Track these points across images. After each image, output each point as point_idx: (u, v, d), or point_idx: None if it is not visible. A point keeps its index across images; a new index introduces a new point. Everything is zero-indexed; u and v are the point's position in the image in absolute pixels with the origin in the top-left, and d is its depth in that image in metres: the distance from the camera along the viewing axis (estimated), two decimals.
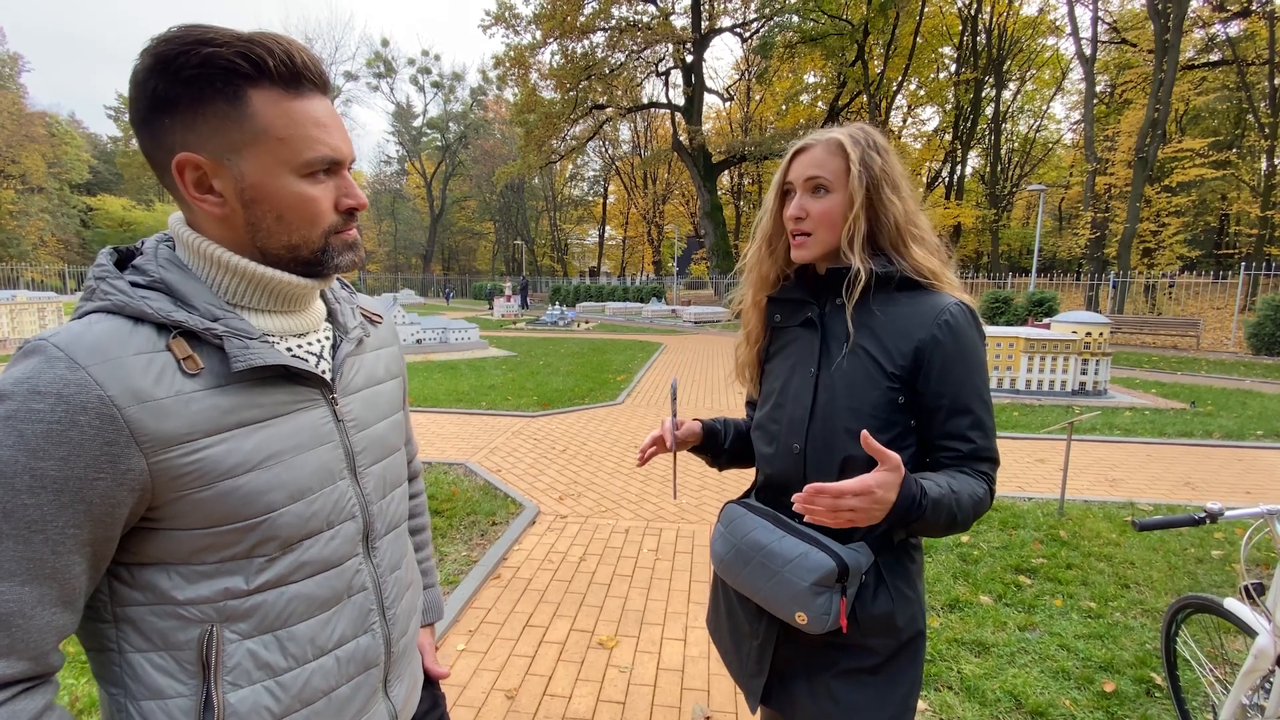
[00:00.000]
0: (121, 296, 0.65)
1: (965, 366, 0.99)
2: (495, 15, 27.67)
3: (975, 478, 1.00)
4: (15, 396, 0.57)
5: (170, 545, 0.66)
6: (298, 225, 0.71)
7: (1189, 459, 5.40)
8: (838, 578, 0.97)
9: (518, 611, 2.86)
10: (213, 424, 0.65)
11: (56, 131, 42.52)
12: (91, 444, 0.59)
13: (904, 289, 1.04)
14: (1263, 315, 12.95)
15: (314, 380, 0.75)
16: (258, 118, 0.66)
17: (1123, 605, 2.89)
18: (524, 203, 49.13)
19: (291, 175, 0.69)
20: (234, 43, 0.64)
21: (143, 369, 0.62)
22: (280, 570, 0.71)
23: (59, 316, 13.24)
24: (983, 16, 28.09)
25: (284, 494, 0.70)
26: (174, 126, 0.65)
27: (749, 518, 1.10)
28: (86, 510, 0.60)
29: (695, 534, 3.76)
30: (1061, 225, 34.44)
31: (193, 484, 0.64)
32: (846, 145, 1.03)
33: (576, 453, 5.47)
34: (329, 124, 0.70)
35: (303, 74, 0.69)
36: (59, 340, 0.60)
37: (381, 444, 0.84)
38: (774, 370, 1.17)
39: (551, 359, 11.55)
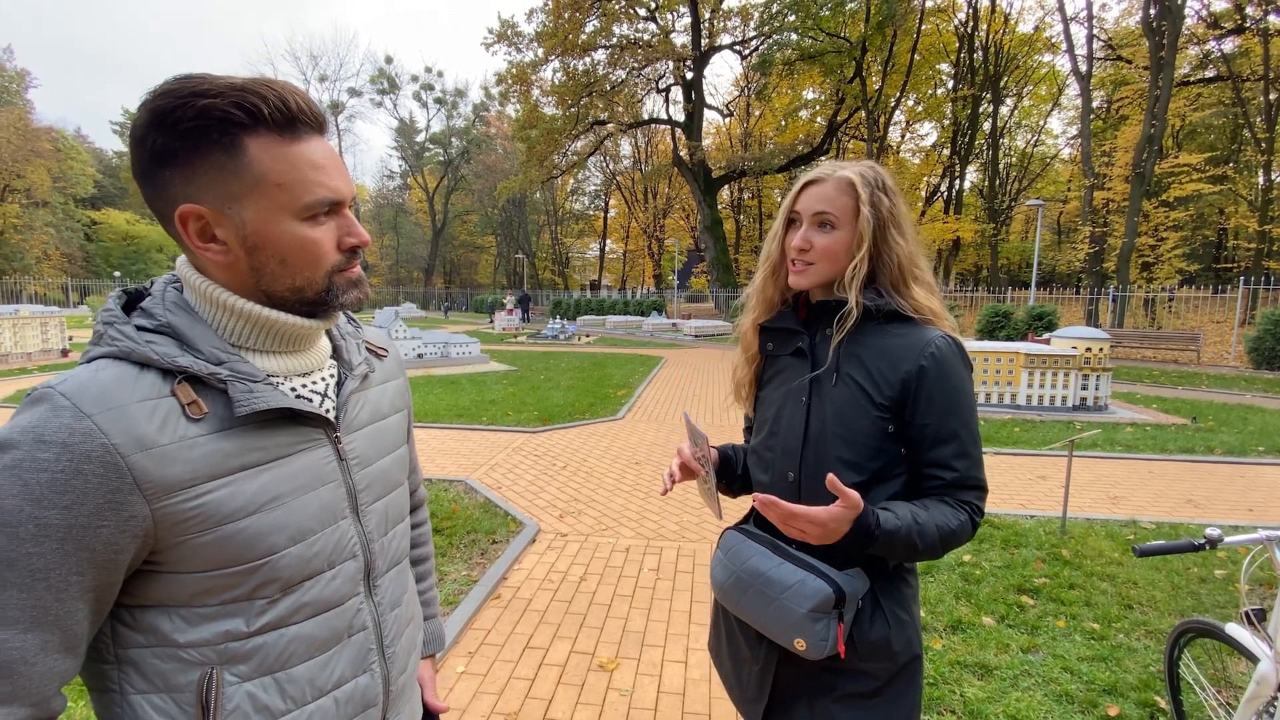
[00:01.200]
0: (128, 343, 0.66)
1: (949, 397, 1.02)
2: (498, 33, 28.04)
3: (955, 507, 1.02)
4: (21, 445, 0.58)
5: (172, 588, 0.66)
6: (301, 268, 0.71)
7: (1191, 476, 5.39)
8: (834, 604, 0.99)
9: (518, 633, 2.85)
10: (216, 468, 0.66)
11: (62, 146, 42.90)
12: (95, 492, 0.60)
13: (893, 322, 1.07)
14: (1262, 329, 12.96)
15: (317, 420, 0.75)
16: (255, 165, 0.67)
17: (1126, 626, 2.87)
18: (525, 217, 49.43)
19: (292, 219, 0.69)
20: (228, 92, 0.65)
21: (147, 415, 0.63)
22: (281, 612, 0.71)
23: (61, 331, 13.29)
24: (979, 34, 28.43)
25: (285, 536, 0.70)
26: (174, 178, 0.67)
27: (747, 544, 1.12)
28: (89, 557, 0.60)
29: (696, 553, 3.75)
30: (1060, 239, 34.61)
31: (195, 528, 0.65)
32: (857, 184, 1.05)
33: (577, 469, 5.47)
34: (327, 165, 0.71)
35: (298, 118, 0.69)
36: (65, 389, 0.61)
37: (384, 480, 0.85)
38: (768, 398, 1.20)
39: (552, 373, 11.57)
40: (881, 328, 1.07)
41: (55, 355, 12.95)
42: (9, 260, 38.55)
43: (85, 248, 45.79)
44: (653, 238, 45.38)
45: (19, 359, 12.28)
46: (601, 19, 25.57)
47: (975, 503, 1.04)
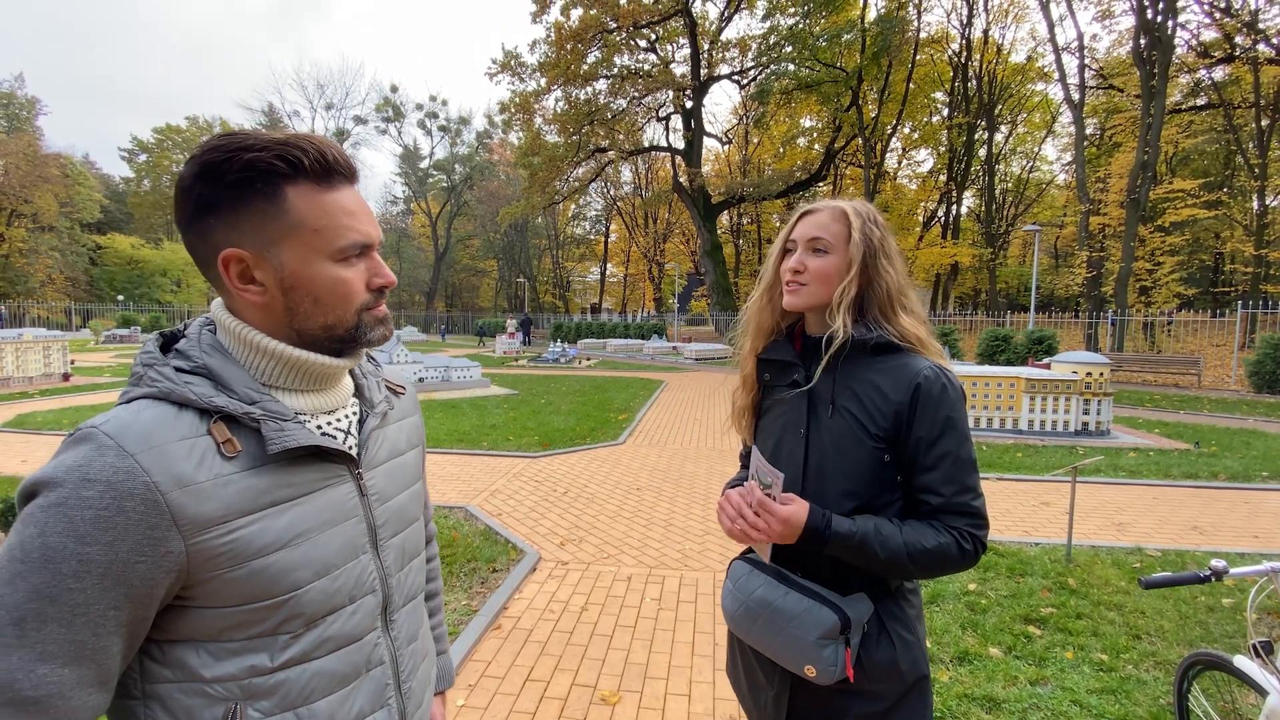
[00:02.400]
0: (168, 384, 0.69)
1: (937, 425, 1.05)
2: (501, 64, 28.64)
3: (941, 531, 1.04)
4: (67, 484, 0.60)
5: (200, 623, 0.68)
6: (333, 305, 0.75)
7: (1195, 502, 5.36)
8: (840, 630, 1.03)
9: (518, 665, 2.81)
10: (248, 504, 0.68)
11: (70, 173, 43.48)
12: (136, 528, 0.62)
13: (884, 353, 1.11)
14: (1262, 354, 12.98)
15: (341, 457, 0.78)
16: (294, 212, 0.72)
17: (1135, 658, 2.84)
18: (527, 241, 49.85)
19: (326, 261, 0.74)
20: (272, 146, 0.70)
21: (185, 454, 0.66)
22: (304, 647, 0.73)
23: (63, 355, 13.32)
24: (973, 64, 29.02)
25: (310, 571, 0.72)
26: (218, 226, 0.71)
27: (754, 575, 1.15)
28: (127, 592, 0.62)
29: (698, 582, 3.72)
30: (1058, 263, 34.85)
31: (226, 564, 0.67)
32: (850, 214, 1.13)
33: (578, 495, 5.44)
34: (358, 211, 0.76)
35: (334, 168, 0.74)
36: (109, 428, 0.64)
37: (402, 516, 0.87)
38: (767, 428, 1.24)
39: (553, 397, 11.56)
40: (872, 360, 1.11)
41: (56, 379, 12.96)
42: (12, 284, 38.82)
43: (89, 271, 46.12)
44: (653, 262, 45.70)
45: (20, 383, 12.28)
46: (603, 50, 26.13)
47: (966, 530, 1.05)
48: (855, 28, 24.36)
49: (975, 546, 1.06)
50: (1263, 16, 20.81)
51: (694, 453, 7.22)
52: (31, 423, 8.39)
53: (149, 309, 40.51)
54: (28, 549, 0.59)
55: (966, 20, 28.54)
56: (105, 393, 11.55)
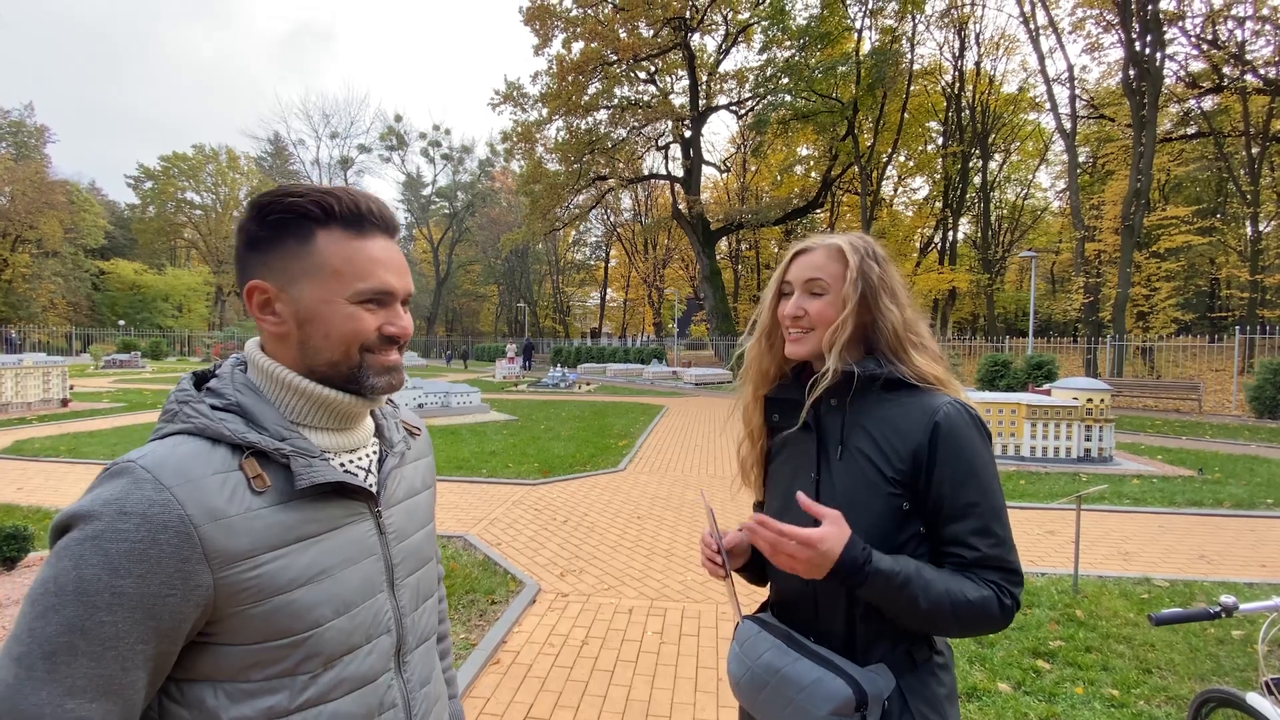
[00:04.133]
0: (203, 420, 0.71)
1: (963, 468, 0.95)
2: (504, 94, 29.18)
3: (980, 584, 0.93)
4: (104, 517, 0.62)
5: (220, 661, 0.68)
6: (340, 341, 0.77)
7: (1201, 530, 5.31)
8: (855, 707, 0.90)
9: (518, 701, 2.75)
10: (275, 539, 0.70)
11: (76, 199, 44.01)
12: (169, 561, 0.63)
13: (897, 390, 1.03)
14: (1262, 379, 12.99)
15: (363, 494, 0.79)
16: (320, 253, 0.76)
17: (1146, 693, 2.78)
18: (528, 267, 50.22)
19: (343, 301, 0.77)
20: (311, 194, 0.76)
21: (218, 488, 0.67)
22: (321, 688, 0.72)
23: (62, 380, 13.31)
24: (966, 95, 29.62)
25: (330, 608, 0.73)
26: (255, 260, 0.77)
27: (762, 637, 1.04)
28: (155, 626, 0.63)
29: (701, 614, 3.66)
30: (1055, 289, 35.11)
31: (250, 599, 0.67)
32: (846, 251, 1.05)
33: (578, 524, 5.39)
34: (385, 261, 0.79)
35: (366, 218, 0.78)
36: (146, 462, 0.66)
37: (418, 555, 0.88)
38: (777, 474, 1.15)
39: (552, 423, 11.52)
40: (884, 396, 1.02)
41: (55, 405, 12.93)
42: (15, 309, 38.98)
43: (92, 296, 46.36)
44: (653, 287, 45.98)
45: (18, 408, 12.25)
46: (604, 82, 26.65)
47: (1003, 584, 0.94)
48: (850, 60, 24.89)
49: (1014, 604, 0.95)
50: (1249, 48, 21.37)
51: (696, 480, 7.17)
52: (29, 449, 8.35)
53: (150, 334, 40.58)
54: (62, 582, 0.60)
55: (959, 53, 29.25)
56: (103, 419, 11.51)
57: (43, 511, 5.46)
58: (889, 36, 26.03)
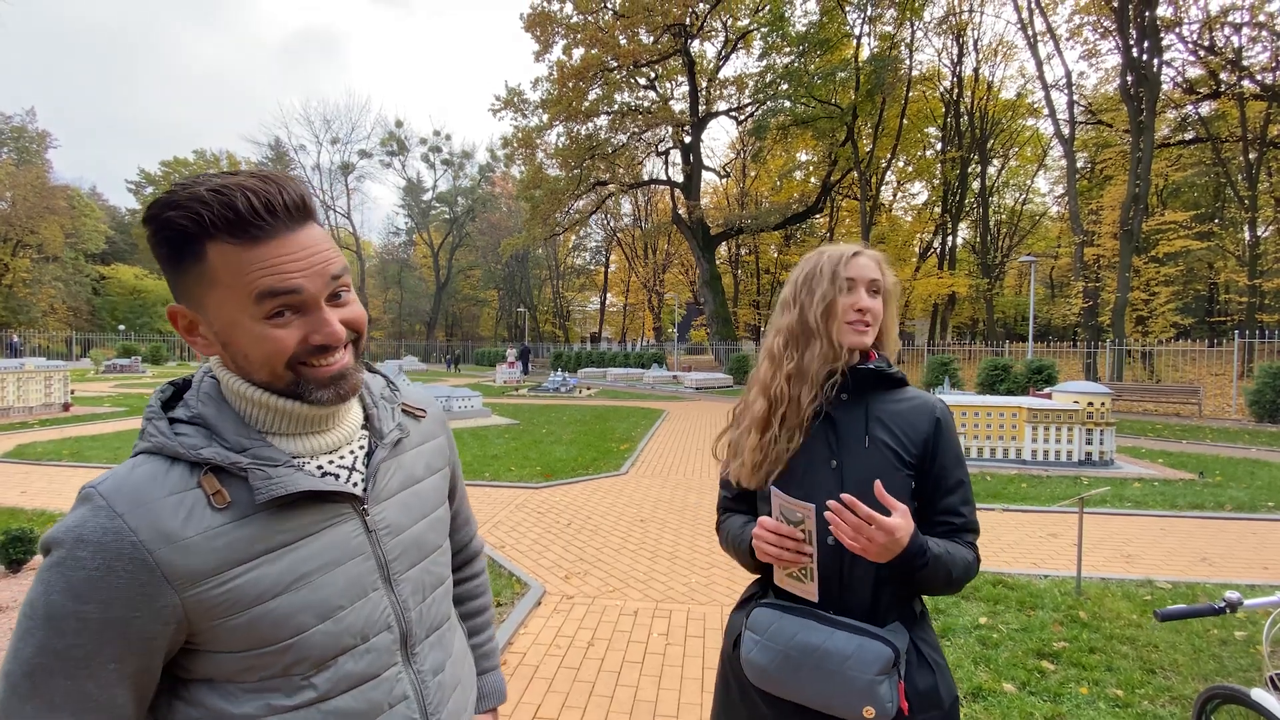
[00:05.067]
0: (161, 438, 0.70)
1: (955, 453, 1.16)
2: (505, 100, 29.34)
3: (965, 547, 1.13)
4: (64, 544, 0.63)
5: (214, 665, 0.70)
6: (261, 362, 0.71)
7: (1203, 533, 5.32)
8: (894, 662, 1.02)
9: (525, 702, 2.77)
10: (240, 554, 0.68)
11: (77, 204, 44.07)
12: (128, 587, 0.63)
13: (899, 387, 1.19)
14: (1262, 383, 13.01)
15: (342, 496, 0.76)
16: (210, 270, 0.68)
17: (1150, 693, 2.80)
18: (528, 271, 50.27)
19: (247, 318, 0.69)
20: (189, 203, 0.65)
21: (173, 510, 0.66)
22: (317, 687, 0.72)
23: (64, 385, 13.32)
24: (964, 100, 29.75)
25: (312, 615, 0.71)
26: (173, 280, 0.71)
27: (789, 619, 1.09)
28: (125, 646, 0.64)
29: (706, 616, 3.67)
30: (1054, 293, 35.17)
31: (225, 613, 0.67)
32: (884, 265, 1.21)
33: (581, 527, 5.40)
34: (282, 261, 0.68)
35: (249, 221, 0.66)
36: (104, 488, 0.66)
37: (418, 546, 0.84)
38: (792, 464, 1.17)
39: (554, 427, 11.53)
40: (890, 393, 1.18)
41: (57, 410, 12.93)
42: (15, 314, 38.98)
43: (92, 301, 46.38)
44: (653, 292, 46.03)
45: (20, 413, 12.25)
46: (604, 88, 26.80)
47: (975, 544, 1.16)
48: (849, 66, 25.04)
49: (978, 557, 1.16)
50: (1246, 54, 21.47)
51: (698, 483, 7.18)
52: (31, 453, 8.36)
53: (150, 339, 40.58)
54: (35, 607, 0.62)
55: (957, 59, 29.39)
56: (104, 423, 11.51)
57: (47, 514, 5.47)
58: (888, 43, 26.17)
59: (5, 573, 4.09)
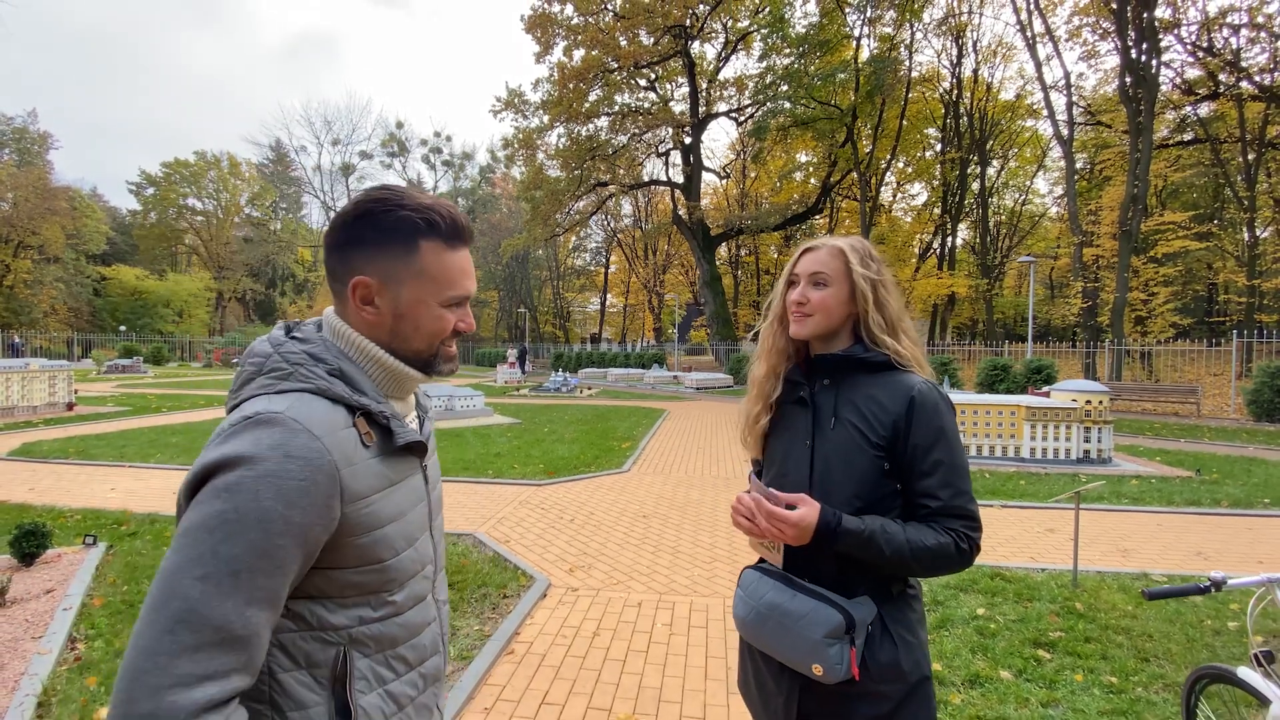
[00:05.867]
0: (323, 382, 0.83)
1: (932, 434, 1.15)
2: (506, 101, 29.43)
3: (940, 532, 1.13)
4: (271, 459, 0.73)
5: (323, 583, 0.81)
6: (428, 336, 0.92)
7: (1199, 528, 5.39)
8: (845, 629, 1.09)
9: (533, 688, 2.83)
10: (378, 485, 0.84)
11: (78, 205, 44.14)
12: (322, 498, 0.75)
13: (882, 371, 1.22)
14: (1260, 382, 13.08)
15: (419, 450, 0.93)
16: (421, 261, 0.88)
17: (1144, 679, 2.86)
18: (528, 272, 50.37)
19: (435, 304, 0.90)
20: (420, 209, 0.87)
21: (347, 440, 0.80)
22: (397, 603, 0.88)
23: (68, 384, 13.38)
24: (963, 102, 29.83)
25: (404, 541, 0.88)
26: (359, 256, 0.87)
27: (764, 580, 1.23)
28: (306, 551, 0.76)
29: (709, 607, 3.74)
30: (1053, 294, 35.23)
31: (359, 531, 0.81)
32: (846, 251, 1.25)
33: (584, 523, 5.46)
34: (469, 270, 0.94)
35: (461, 235, 0.92)
36: (295, 414, 0.77)
37: (439, 500, 1.06)
38: (774, 442, 1.33)
39: (556, 426, 11.60)
40: (872, 377, 1.22)
41: (60, 409, 12.99)
42: (16, 314, 39.05)
43: (93, 302, 46.44)
44: (653, 292, 46.10)
45: (24, 411, 12.32)
46: (604, 89, 26.87)
47: (963, 530, 1.13)
48: (849, 67, 25.11)
49: (971, 547, 1.13)
50: (1245, 55, 21.56)
51: (699, 480, 7.25)
52: (37, 451, 8.42)
53: (151, 339, 40.65)
54: (244, 511, 0.70)
55: (956, 60, 29.48)
56: (109, 422, 11.58)
57: (56, 510, 5.53)
58: (887, 44, 26.25)
59: (18, 566, 4.15)
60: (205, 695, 0.66)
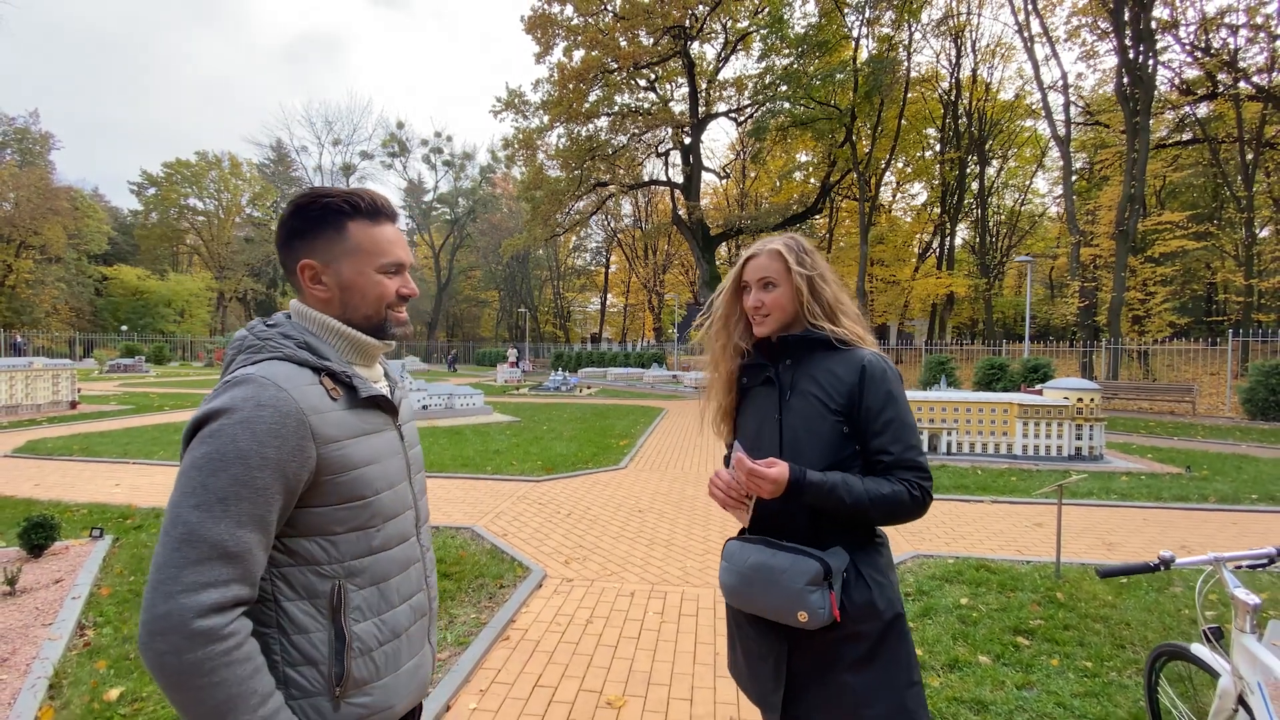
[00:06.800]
0: (290, 349, 1.00)
1: (882, 398, 1.31)
2: (506, 102, 29.52)
3: (894, 482, 1.28)
4: (245, 408, 0.89)
5: (314, 520, 0.96)
6: (373, 301, 1.08)
7: (1185, 523, 5.48)
8: (824, 576, 1.23)
9: (527, 672, 2.93)
10: (349, 431, 0.99)
11: (80, 205, 44.22)
12: (293, 438, 0.91)
13: (833, 349, 1.39)
14: (1254, 381, 13.16)
15: (390, 409, 1.11)
16: (352, 239, 1.06)
17: (1118, 665, 2.95)
18: (528, 272, 50.47)
19: (373, 271, 1.07)
20: (340, 194, 1.05)
21: (312, 394, 0.96)
22: (381, 539, 1.03)
23: (71, 383, 13.50)
24: (962, 102, 29.90)
25: (384, 482, 1.04)
26: (301, 246, 1.06)
27: (746, 547, 1.36)
28: (285, 482, 0.90)
29: (699, 597, 3.83)
30: (1052, 293, 35.28)
31: (335, 470, 0.96)
32: (783, 252, 1.42)
33: (581, 517, 5.56)
34: (396, 240, 1.11)
35: (381, 210, 1.09)
36: (263, 374, 0.93)
37: (419, 461, 1.22)
38: (745, 421, 1.50)
39: (555, 424, 11.70)
40: (826, 354, 1.39)
41: (64, 407, 13.11)
42: (18, 314, 39.17)
43: (95, 302, 46.54)
44: (653, 292, 46.20)
45: (29, 410, 12.44)
46: (604, 89, 26.95)
47: (915, 480, 1.29)
48: (848, 68, 25.18)
49: (923, 495, 1.29)
50: (1242, 55, 21.63)
51: (695, 477, 7.34)
52: (42, 448, 8.53)
53: (152, 339, 40.79)
54: (225, 451, 0.86)
55: (955, 61, 29.57)
56: (112, 420, 11.69)
57: (62, 505, 5.64)
58: (886, 45, 26.33)
59: (27, 557, 4.25)
60: (209, 599, 0.82)
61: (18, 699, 2.62)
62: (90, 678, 2.79)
